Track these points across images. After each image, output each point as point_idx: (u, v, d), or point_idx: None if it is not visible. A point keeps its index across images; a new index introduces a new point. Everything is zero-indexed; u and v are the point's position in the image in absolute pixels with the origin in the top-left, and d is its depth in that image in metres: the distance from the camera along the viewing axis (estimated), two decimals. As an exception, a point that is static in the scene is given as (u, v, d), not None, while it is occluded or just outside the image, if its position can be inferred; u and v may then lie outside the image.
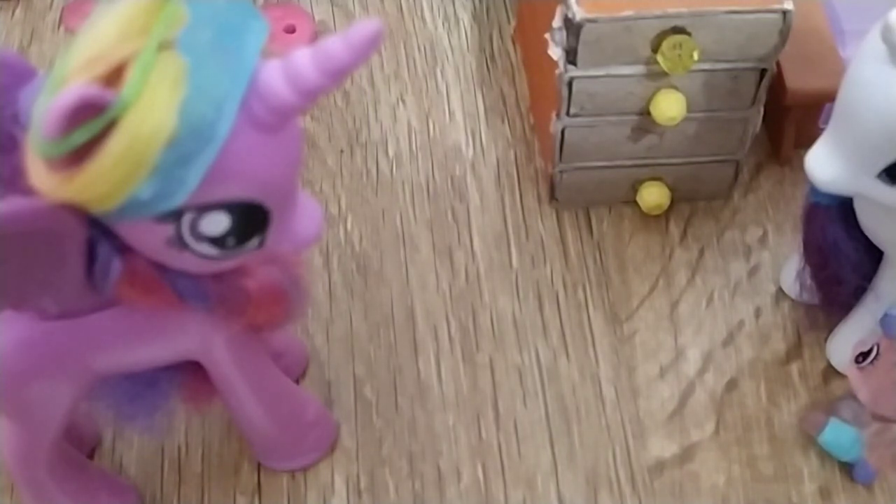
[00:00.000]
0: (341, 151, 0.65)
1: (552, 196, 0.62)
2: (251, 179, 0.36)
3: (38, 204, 0.35)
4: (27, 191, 0.36)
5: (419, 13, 0.72)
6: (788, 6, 0.53)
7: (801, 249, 0.54)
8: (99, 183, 0.34)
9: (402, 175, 0.64)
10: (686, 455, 0.54)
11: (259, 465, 0.53)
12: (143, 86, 0.33)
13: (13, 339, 0.42)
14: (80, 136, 0.33)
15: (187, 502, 0.52)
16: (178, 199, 0.35)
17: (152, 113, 0.33)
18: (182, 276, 0.39)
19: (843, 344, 0.55)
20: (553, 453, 0.54)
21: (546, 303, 0.59)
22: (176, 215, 0.36)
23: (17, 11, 0.71)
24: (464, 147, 0.65)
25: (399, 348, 0.57)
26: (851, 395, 0.51)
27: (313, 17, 0.71)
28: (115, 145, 0.33)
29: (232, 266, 0.40)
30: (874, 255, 0.52)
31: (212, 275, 0.40)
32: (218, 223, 0.37)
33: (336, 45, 0.34)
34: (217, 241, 0.37)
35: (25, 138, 0.36)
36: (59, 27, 0.71)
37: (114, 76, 0.34)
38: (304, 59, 0.35)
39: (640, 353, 0.57)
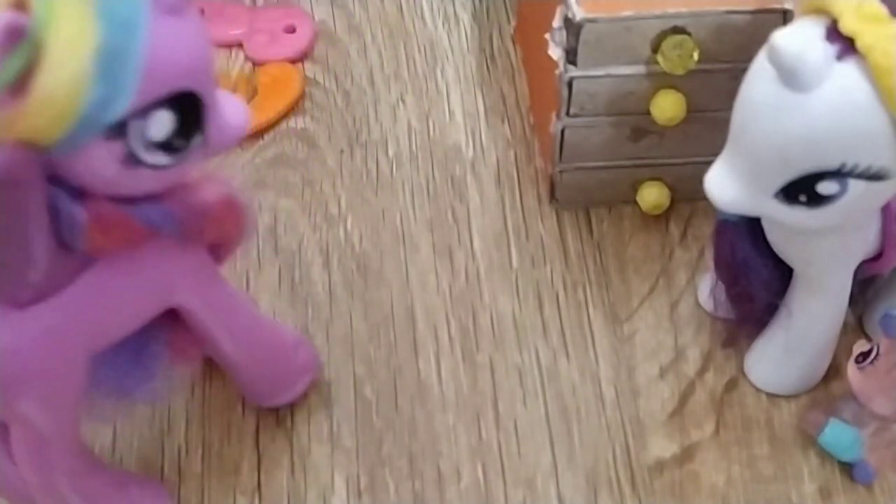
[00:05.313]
0: (341, 151, 0.65)
1: (552, 196, 0.62)
2: (179, 65, 0.38)
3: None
4: None
5: (419, 13, 0.72)
6: (788, 6, 0.53)
7: (713, 266, 0.54)
8: (48, 105, 0.35)
9: (402, 175, 0.64)
10: (686, 455, 0.54)
11: (259, 464, 0.53)
12: (52, 1, 0.35)
13: (3, 345, 0.41)
14: (16, 63, 0.34)
15: (187, 502, 0.53)
16: (125, 100, 0.36)
17: (71, 22, 0.35)
18: (145, 204, 0.41)
19: (759, 361, 0.55)
20: (553, 453, 0.54)
21: (546, 303, 0.59)
22: (123, 127, 0.37)
23: None
24: (464, 147, 0.65)
25: (399, 348, 0.57)
26: (851, 395, 0.51)
27: (313, 17, 0.71)
28: (51, 63, 0.35)
29: (184, 180, 0.42)
30: (784, 272, 0.52)
31: (172, 196, 0.42)
32: (163, 123, 0.38)
33: None
34: (166, 146, 0.39)
35: None
36: None
37: (20, 3, 0.35)
38: None
39: (640, 353, 0.57)
